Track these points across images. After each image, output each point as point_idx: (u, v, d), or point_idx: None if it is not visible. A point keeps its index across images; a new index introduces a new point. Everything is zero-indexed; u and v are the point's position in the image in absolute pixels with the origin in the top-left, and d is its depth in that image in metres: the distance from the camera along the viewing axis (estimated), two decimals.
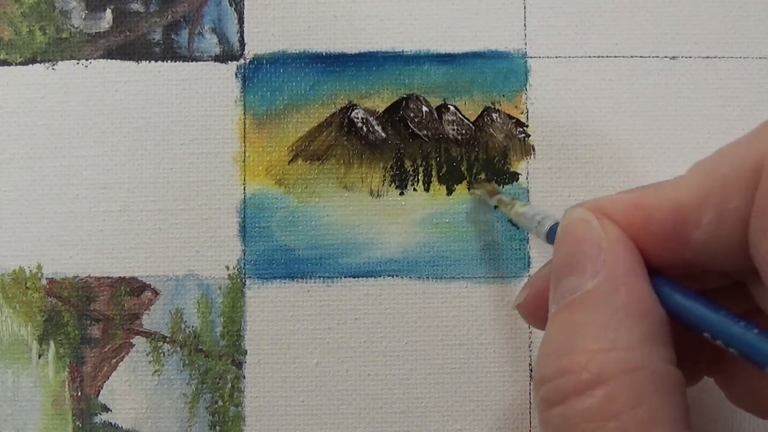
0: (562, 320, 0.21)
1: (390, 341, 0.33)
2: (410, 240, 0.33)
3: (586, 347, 0.19)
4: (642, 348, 0.19)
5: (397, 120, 0.34)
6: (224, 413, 0.33)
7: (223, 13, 0.34)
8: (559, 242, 0.22)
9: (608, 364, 0.19)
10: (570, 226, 0.22)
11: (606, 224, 0.21)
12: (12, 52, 0.34)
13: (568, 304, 0.21)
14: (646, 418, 0.19)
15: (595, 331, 0.20)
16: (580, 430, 0.19)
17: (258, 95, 0.34)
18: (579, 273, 0.21)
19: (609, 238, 0.21)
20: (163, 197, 0.33)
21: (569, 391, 0.19)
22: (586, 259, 0.21)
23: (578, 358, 0.19)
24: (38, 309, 0.33)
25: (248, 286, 0.33)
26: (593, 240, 0.21)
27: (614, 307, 0.20)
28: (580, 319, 0.20)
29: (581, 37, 0.34)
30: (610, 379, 0.19)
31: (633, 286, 0.20)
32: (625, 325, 0.20)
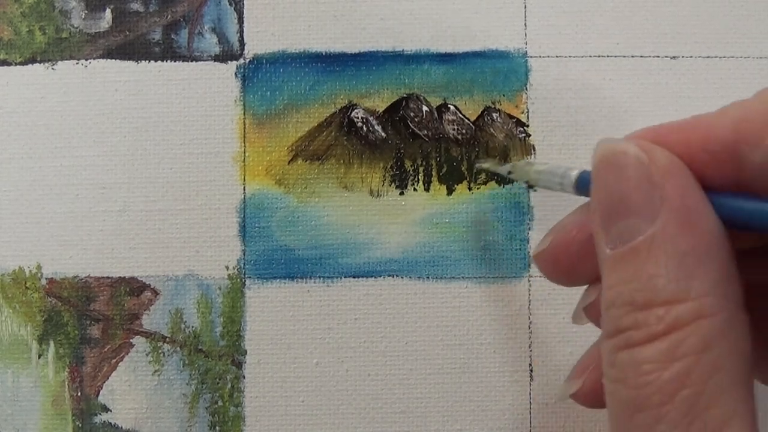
0: (628, 268, 0.20)
1: (390, 341, 0.33)
2: (410, 240, 0.33)
3: (660, 299, 0.19)
4: (715, 293, 0.19)
5: (397, 120, 0.34)
6: (224, 413, 0.33)
7: (223, 12, 0.34)
8: (600, 180, 0.21)
9: (683, 315, 0.19)
10: (610, 160, 0.21)
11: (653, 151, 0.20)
12: (12, 52, 0.34)
13: (631, 250, 0.20)
14: (711, 363, 0.18)
15: (666, 281, 0.19)
16: (645, 371, 0.19)
17: (258, 95, 0.34)
18: (634, 215, 0.20)
19: (660, 170, 0.20)
20: (163, 197, 0.33)
21: (642, 339, 0.19)
22: (640, 198, 0.20)
23: (653, 312, 0.19)
24: (38, 309, 0.33)
25: (248, 286, 0.33)
26: (642, 175, 0.20)
27: (683, 252, 0.19)
28: (648, 267, 0.19)
29: (581, 36, 0.34)
30: (682, 327, 0.19)
31: (698, 224, 0.19)
32: (697, 273, 0.19)
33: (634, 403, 0.19)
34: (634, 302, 0.19)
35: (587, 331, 0.33)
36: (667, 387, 0.19)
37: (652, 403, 0.19)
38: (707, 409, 0.18)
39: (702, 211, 0.19)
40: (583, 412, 0.33)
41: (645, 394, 0.19)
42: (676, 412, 0.18)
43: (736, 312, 0.19)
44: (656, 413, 0.19)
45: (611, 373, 0.20)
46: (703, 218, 0.19)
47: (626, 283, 0.20)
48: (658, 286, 0.19)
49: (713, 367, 0.18)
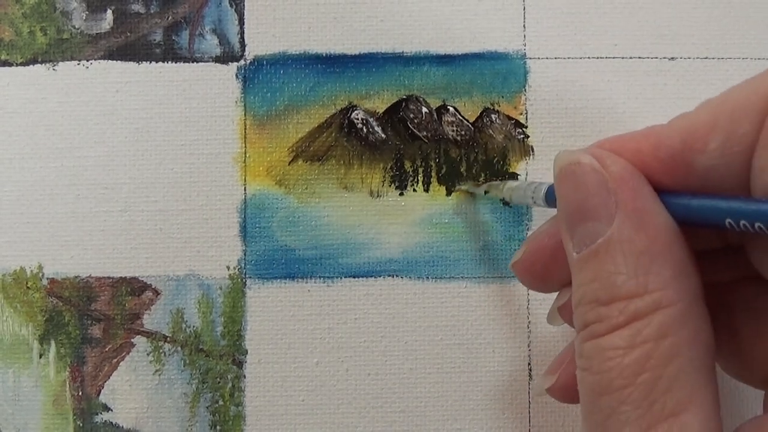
0: (591, 269, 0.21)
1: (390, 341, 0.33)
2: (410, 240, 0.33)
3: (620, 295, 0.20)
4: (671, 286, 0.20)
5: (397, 121, 0.34)
6: (225, 413, 0.33)
7: (224, 14, 0.34)
8: (561, 190, 0.22)
9: (641, 308, 0.20)
10: (568, 171, 0.22)
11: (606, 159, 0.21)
12: (13, 53, 0.34)
13: (592, 252, 0.21)
14: (669, 349, 0.20)
15: (625, 278, 0.20)
16: (607, 357, 0.20)
17: (258, 96, 0.34)
18: (593, 219, 0.21)
19: (613, 176, 0.21)
20: (164, 197, 0.34)
21: (605, 330, 0.20)
22: (597, 204, 0.21)
23: (615, 307, 0.20)
24: (39, 309, 0.33)
25: (249, 286, 0.33)
26: (597, 181, 0.21)
27: (638, 251, 0.20)
28: (608, 266, 0.21)
29: (581, 37, 0.34)
30: (641, 318, 0.20)
31: (651, 224, 0.21)
32: (653, 268, 0.20)
33: (599, 387, 0.20)
34: (598, 299, 0.21)
35: None
36: (627, 371, 0.20)
37: (615, 387, 0.20)
38: (667, 392, 0.20)
39: (654, 211, 0.21)
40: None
41: (608, 378, 0.20)
42: (638, 394, 0.20)
43: (693, 303, 0.20)
44: (619, 395, 0.20)
45: (580, 363, 0.21)
46: (655, 218, 0.21)
47: (590, 282, 0.21)
48: (618, 283, 0.20)
49: (671, 353, 0.20)
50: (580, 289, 0.21)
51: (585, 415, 0.21)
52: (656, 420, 0.20)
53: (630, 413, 0.20)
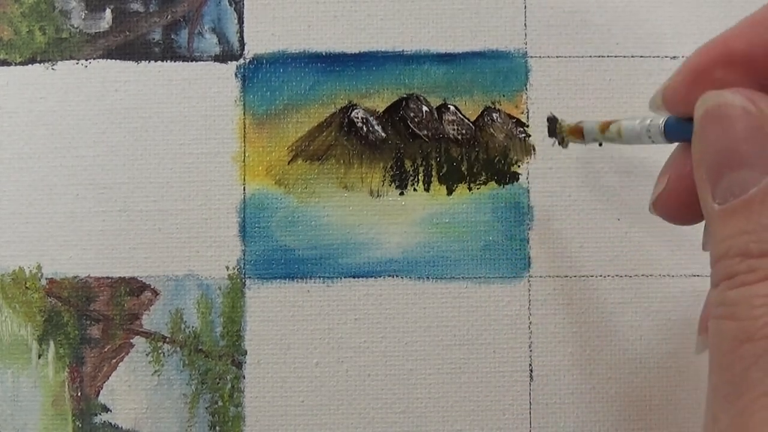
0: (741, 220, 0.19)
1: (390, 341, 0.33)
2: (410, 240, 0.33)
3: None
4: None
5: (397, 120, 0.34)
6: (224, 413, 0.33)
7: (223, 12, 0.34)
8: (706, 133, 0.21)
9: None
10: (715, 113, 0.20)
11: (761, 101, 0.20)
12: (12, 52, 0.34)
13: (744, 202, 0.19)
14: None
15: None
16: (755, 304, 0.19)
17: (258, 95, 0.34)
18: (745, 167, 0.19)
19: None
20: (163, 197, 0.33)
21: (755, 279, 0.19)
22: (750, 150, 0.19)
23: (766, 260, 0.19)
24: (38, 309, 0.33)
25: (248, 286, 0.33)
26: (752, 126, 0.19)
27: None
28: (763, 219, 0.19)
29: (581, 37, 0.34)
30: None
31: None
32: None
33: (744, 334, 0.19)
34: (748, 252, 0.19)
35: (587, 332, 0.33)
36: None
37: (762, 334, 0.19)
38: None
39: None
40: (583, 412, 0.33)
41: (755, 325, 0.19)
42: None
43: None
44: (765, 344, 0.18)
45: (720, 311, 0.20)
46: None
47: (740, 235, 0.19)
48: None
49: None
50: (726, 243, 0.20)
51: (720, 367, 0.20)
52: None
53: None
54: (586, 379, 0.33)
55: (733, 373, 0.19)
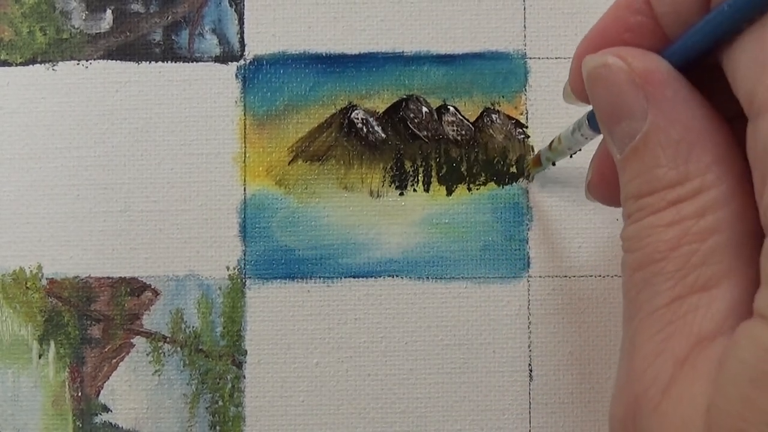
0: (633, 166, 0.21)
1: (390, 341, 0.33)
2: (410, 240, 0.33)
3: (662, 185, 0.20)
4: (713, 170, 0.20)
5: (397, 121, 0.34)
6: (224, 413, 0.33)
7: (224, 13, 0.34)
8: (594, 94, 0.22)
9: (684, 193, 0.20)
10: (596, 75, 0.22)
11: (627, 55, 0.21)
12: (12, 53, 0.34)
13: (632, 149, 0.21)
14: (709, 226, 0.20)
15: (666, 170, 0.20)
16: (646, 234, 0.20)
17: (258, 96, 0.34)
18: (628, 118, 0.21)
19: (638, 72, 0.21)
20: (164, 198, 0.33)
21: (646, 214, 0.21)
22: (629, 101, 0.21)
23: (657, 196, 0.20)
24: (38, 309, 0.33)
25: (248, 286, 0.33)
26: (626, 80, 0.21)
27: (675, 140, 0.20)
28: (648, 161, 0.20)
29: (581, 37, 0.34)
30: (683, 201, 0.20)
31: (684, 111, 0.20)
32: (692, 155, 0.20)
33: (636, 262, 0.21)
34: (641, 193, 0.21)
35: (587, 332, 0.33)
36: (664, 245, 0.20)
37: (650, 260, 0.20)
38: (701, 265, 0.19)
39: (685, 99, 0.21)
40: (583, 412, 0.33)
41: (645, 253, 0.20)
42: (672, 266, 0.20)
43: (737, 184, 0.20)
44: (653, 268, 0.20)
45: (623, 248, 0.22)
46: (687, 106, 0.21)
47: (633, 179, 0.21)
48: (659, 175, 0.20)
49: (710, 229, 0.20)
50: (626, 188, 0.21)
51: (623, 295, 0.21)
52: (687, 292, 0.20)
53: (661, 285, 0.20)
54: (586, 379, 0.33)
55: (629, 299, 0.21)
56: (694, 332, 0.19)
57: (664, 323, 0.20)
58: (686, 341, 0.19)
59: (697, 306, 0.19)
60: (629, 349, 0.21)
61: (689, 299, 0.20)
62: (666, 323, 0.20)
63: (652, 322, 0.20)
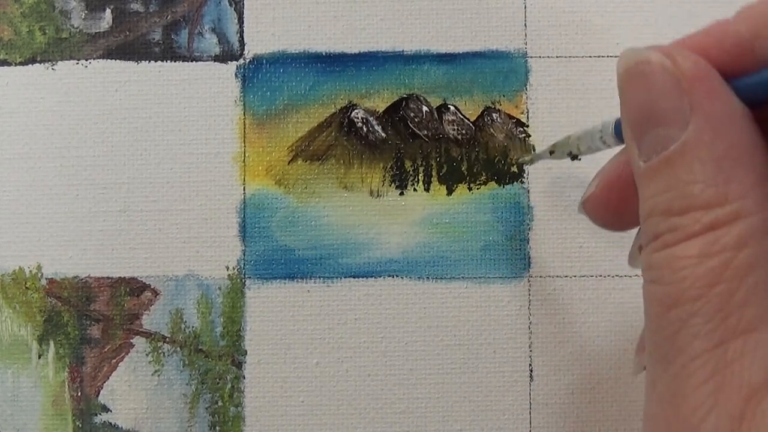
0: (664, 178, 0.19)
1: (390, 341, 0.33)
2: (410, 240, 0.33)
3: (697, 204, 0.19)
4: (753, 194, 0.18)
5: (397, 120, 0.34)
6: (224, 413, 0.33)
7: (223, 13, 0.34)
8: (627, 92, 0.20)
9: (720, 217, 0.18)
10: (635, 71, 0.20)
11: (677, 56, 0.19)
12: (12, 52, 0.34)
13: (665, 159, 0.19)
14: (747, 260, 0.18)
15: (703, 187, 0.18)
16: (680, 266, 0.19)
17: (258, 95, 0.34)
18: (664, 123, 0.19)
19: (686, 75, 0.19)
20: (163, 197, 0.33)
21: (678, 239, 0.19)
22: (669, 106, 0.19)
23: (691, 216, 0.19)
24: (38, 309, 0.33)
25: (248, 286, 0.33)
26: (669, 82, 0.19)
27: (718, 156, 0.18)
28: (683, 174, 0.19)
29: (581, 37, 0.34)
30: (719, 227, 0.18)
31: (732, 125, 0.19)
32: (734, 177, 0.18)
33: (669, 298, 0.19)
34: (671, 209, 0.19)
35: (587, 331, 0.33)
36: (701, 281, 0.18)
37: (687, 298, 0.18)
38: (743, 305, 0.18)
39: (734, 113, 0.19)
40: (583, 412, 0.33)
41: (680, 289, 0.18)
42: (711, 306, 0.18)
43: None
44: (690, 307, 0.18)
45: (648, 275, 0.20)
46: (735, 121, 0.19)
47: (663, 193, 0.19)
48: (695, 192, 0.19)
49: (750, 264, 0.18)
50: (650, 201, 0.19)
51: (651, 331, 0.20)
52: (730, 335, 0.18)
53: (701, 326, 0.18)
54: (586, 379, 0.33)
55: (663, 338, 0.19)
56: (746, 384, 0.18)
57: (709, 372, 0.18)
58: (738, 395, 0.18)
59: (743, 352, 0.18)
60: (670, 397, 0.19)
61: (734, 344, 0.18)
62: (712, 372, 0.18)
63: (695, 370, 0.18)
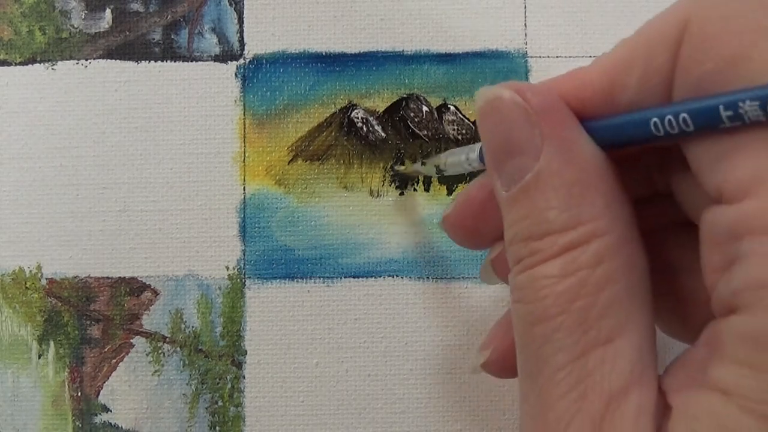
0: (521, 206, 0.20)
1: (390, 341, 0.33)
2: (410, 240, 0.33)
3: (554, 229, 0.20)
4: (605, 215, 0.20)
5: (398, 120, 0.34)
6: (224, 413, 0.33)
7: (223, 12, 0.34)
8: (484, 127, 0.22)
9: (576, 238, 0.20)
10: (489, 107, 0.21)
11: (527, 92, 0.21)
12: (12, 52, 0.34)
13: (522, 189, 0.20)
14: (604, 276, 0.19)
15: (558, 212, 0.20)
16: (541, 285, 0.20)
17: (258, 95, 0.34)
18: (519, 154, 0.20)
19: (535, 108, 0.20)
20: (163, 197, 0.33)
21: (538, 261, 0.20)
22: (522, 138, 0.20)
23: (548, 240, 0.20)
24: (38, 309, 0.33)
25: (248, 286, 0.33)
26: (520, 115, 0.20)
27: (569, 182, 0.20)
28: (539, 202, 0.20)
29: (581, 37, 0.34)
30: (576, 247, 0.20)
31: (580, 152, 0.20)
32: (585, 199, 0.20)
33: (532, 316, 0.20)
34: (531, 235, 0.20)
35: None
36: (561, 298, 0.19)
37: (548, 315, 0.20)
38: (601, 318, 0.19)
39: (581, 141, 0.20)
40: None
41: (542, 306, 0.20)
42: (572, 321, 0.19)
43: (627, 230, 0.20)
44: (552, 323, 0.20)
45: (514, 296, 0.21)
46: (582, 147, 0.20)
47: (522, 220, 0.20)
48: (551, 218, 0.20)
49: (606, 279, 0.19)
50: (512, 228, 0.21)
51: (519, 348, 0.21)
52: (590, 346, 0.19)
53: (563, 340, 0.19)
54: None
55: (530, 353, 0.20)
56: (606, 390, 0.19)
57: (573, 381, 0.19)
58: (599, 399, 0.19)
59: (603, 360, 0.19)
60: (539, 409, 0.20)
61: (594, 354, 0.19)
62: (576, 381, 0.19)
63: (559, 381, 0.19)
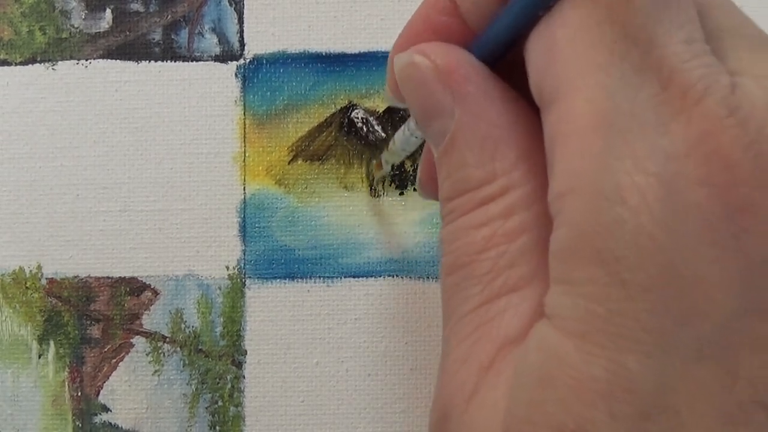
0: (445, 164, 0.21)
1: (390, 341, 0.33)
2: (410, 240, 0.33)
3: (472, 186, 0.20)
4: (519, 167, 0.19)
5: (398, 120, 0.34)
6: (224, 413, 0.33)
7: (223, 12, 0.34)
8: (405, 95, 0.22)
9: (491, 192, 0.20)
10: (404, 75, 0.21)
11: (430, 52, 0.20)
12: (12, 52, 0.34)
13: (443, 148, 0.20)
14: (516, 227, 0.19)
15: (473, 168, 0.20)
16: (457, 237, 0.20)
17: (258, 95, 0.34)
18: (439, 116, 0.20)
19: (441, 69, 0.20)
20: (164, 197, 0.33)
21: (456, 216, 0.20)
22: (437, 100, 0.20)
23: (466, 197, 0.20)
24: (38, 309, 0.33)
25: (248, 286, 0.33)
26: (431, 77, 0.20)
27: (480, 137, 0.20)
28: (457, 160, 0.20)
29: None
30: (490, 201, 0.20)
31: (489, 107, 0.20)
32: (498, 154, 0.20)
33: (447, 267, 0.20)
34: (452, 194, 0.20)
35: None
36: (473, 248, 0.19)
37: (458, 264, 0.20)
38: (510, 267, 0.19)
39: (490, 94, 0.20)
40: None
41: (455, 257, 0.20)
42: (481, 270, 0.19)
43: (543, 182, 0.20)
44: (463, 272, 0.20)
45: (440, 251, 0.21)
46: (492, 101, 0.20)
47: (445, 180, 0.21)
48: (467, 175, 0.20)
49: (517, 230, 0.19)
50: (441, 188, 0.21)
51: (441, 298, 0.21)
52: (497, 294, 0.19)
53: (470, 289, 0.19)
54: None
55: (443, 303, 0.21)
56: (500, 336, 0.19)
57: (472, 328, 0.19)
58: (491, 346, 0.19)
59: (504, 309, 0.19)
60: (443, 356, 0.20)
61: (497, 302, 0.19)
62: (474, 328, 0.19)
63: (461, 327, 0.19)
